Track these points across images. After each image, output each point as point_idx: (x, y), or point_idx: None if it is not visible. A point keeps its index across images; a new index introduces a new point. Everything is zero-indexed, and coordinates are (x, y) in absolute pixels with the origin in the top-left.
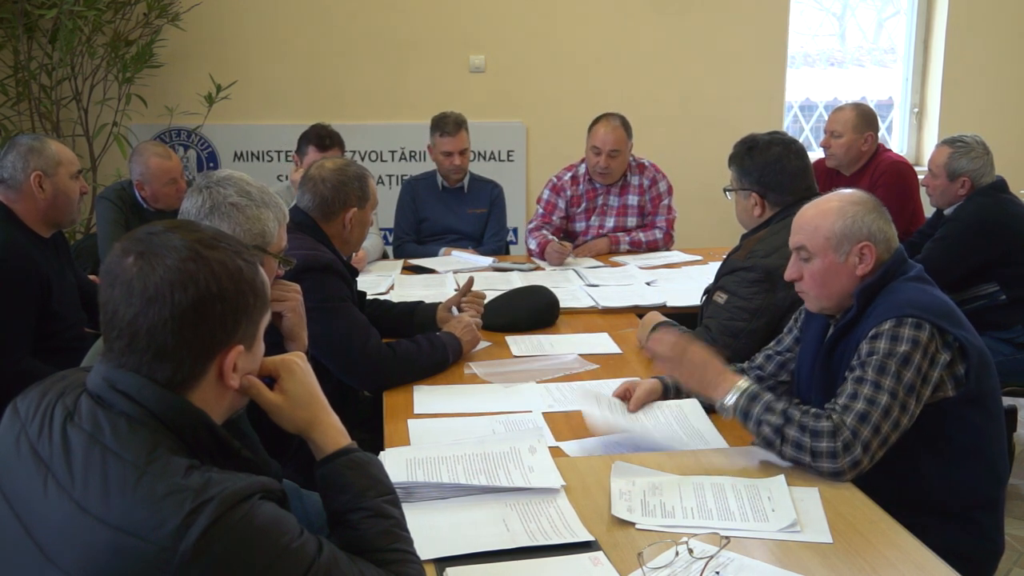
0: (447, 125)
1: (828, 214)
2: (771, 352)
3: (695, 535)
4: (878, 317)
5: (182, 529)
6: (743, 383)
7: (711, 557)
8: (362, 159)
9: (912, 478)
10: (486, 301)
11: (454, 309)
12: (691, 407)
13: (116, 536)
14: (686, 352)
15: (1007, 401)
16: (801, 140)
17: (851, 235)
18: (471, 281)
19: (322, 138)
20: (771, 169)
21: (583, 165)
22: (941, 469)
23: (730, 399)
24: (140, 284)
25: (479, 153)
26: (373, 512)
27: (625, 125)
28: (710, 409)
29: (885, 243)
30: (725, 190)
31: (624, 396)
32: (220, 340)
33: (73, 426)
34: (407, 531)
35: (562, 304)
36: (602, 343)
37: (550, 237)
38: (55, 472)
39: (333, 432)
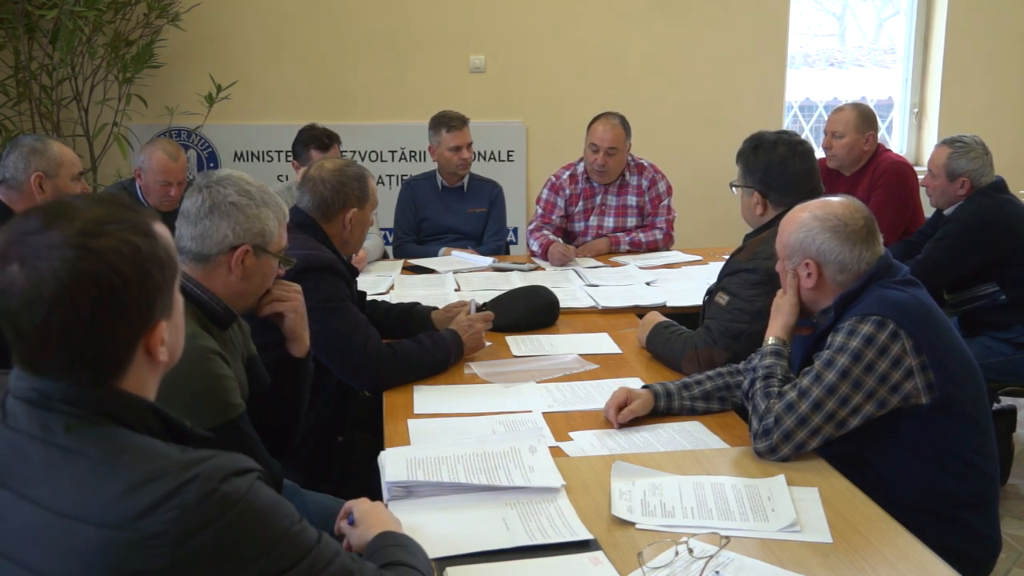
0: (452, 120)
1: (792, 222)
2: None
3: (695, 535)
4: (847, 318)
5: (166, 511)
6: (780, 340)
7: (711, 557)
8: (362, 159)
9: (899, 479)
10: (485, 302)
11: (473, 308)
12: (692, 427)
13: (101, 533)
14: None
15: (1007, 401)
16: None
17: (801, 249)
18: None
19: (320, 138)
20: (774, 170)
21: (581, 164)
22: (924, 471)
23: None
24: (35, 292)
25: (479, 153)
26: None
27: (624, 124)
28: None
29: (837, 264)
30: (731, 185)
31: (620, 406)
32: (138, 326)
33: (8, 429)
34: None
35: (562, 304)
36: (602, 343)
37: (552, 238)
38: (11, 482)
39: None
